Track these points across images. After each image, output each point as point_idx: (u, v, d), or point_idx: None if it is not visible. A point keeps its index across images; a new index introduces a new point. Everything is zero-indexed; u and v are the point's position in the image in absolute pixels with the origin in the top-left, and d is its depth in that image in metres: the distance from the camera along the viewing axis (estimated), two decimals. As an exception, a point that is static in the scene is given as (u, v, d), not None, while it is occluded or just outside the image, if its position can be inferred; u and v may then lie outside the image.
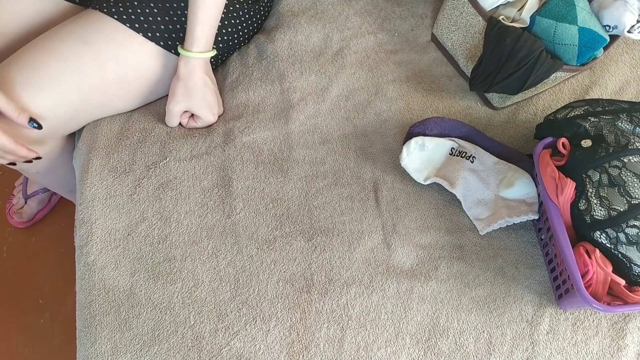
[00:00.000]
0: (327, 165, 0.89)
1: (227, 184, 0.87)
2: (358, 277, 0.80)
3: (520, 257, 0.83)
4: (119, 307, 0.77)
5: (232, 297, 0.78)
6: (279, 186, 0.87)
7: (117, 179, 0.87)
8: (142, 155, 0.88)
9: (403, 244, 0.83)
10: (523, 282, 0.81)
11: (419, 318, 0.78)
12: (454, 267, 0.81)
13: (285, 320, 0.77)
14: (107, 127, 0.91)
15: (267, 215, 0.85)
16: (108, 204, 0.85)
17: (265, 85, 0.97)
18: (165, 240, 0.82)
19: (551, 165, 0.77)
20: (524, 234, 0.85)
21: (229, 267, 0.80)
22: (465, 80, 0.98)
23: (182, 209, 0.84)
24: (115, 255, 0.81)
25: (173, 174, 0.87)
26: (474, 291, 0.80)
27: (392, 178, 0.88)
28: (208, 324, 0.76)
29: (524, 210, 0.82)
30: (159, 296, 0.78)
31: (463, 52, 0.96)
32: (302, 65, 0.98)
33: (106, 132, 0.91)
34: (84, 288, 0.79)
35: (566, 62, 0.86)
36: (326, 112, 0.94)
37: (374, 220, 0.85)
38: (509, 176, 0.84)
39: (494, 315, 0.78)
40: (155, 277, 0.79)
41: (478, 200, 0.85)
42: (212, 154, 0.89)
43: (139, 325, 0.76)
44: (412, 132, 0.90)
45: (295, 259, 0.81)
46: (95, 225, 0.83)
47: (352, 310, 0.78)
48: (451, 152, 0.88)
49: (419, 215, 0.85)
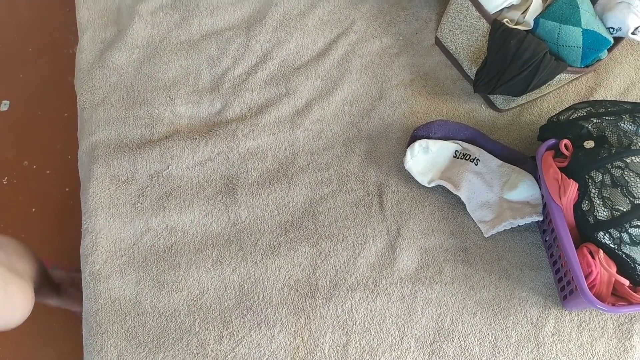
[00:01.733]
0: (332, 171, 0.93)
1: (231, 192, 0.90)
2: (362, 282, 0.83)
3: (525, 259, 0.86)
4: (124, 315, 0.80)
5: (237, 303, 0.81)
6: (283, 192, 0.90)
7: (119, 187, 0.90)
8: (143, 163, 0.92)
9: (408, 248, 0.86)
10: (528, 284, 0.84)
11: (424, 321, 0.81)
12: (459, 270, 0.85)
13: (289, 326, 0.80)
14: (103, 134, 0.94)
15: (272, 222, 0.88)
16: (112, 213, 0.88)
17: (270, 87, 1.00)
18: (171, 249, 0.85)
19: (554, 166, 0.80)
20: (529, 235, 0.88)
21: (233, 274, 0.84)
22: (469, 83, 1.02)
23: (187, 218, 0.88)
24: (120, 264, 0.84)
25: (177, 183, 0.91)
26: (478, 294, 0.83)
27: (397, 181, 0.92)
28: (213, 330, 0.80)
29: (527, 212, 0.85)
30: (164, 304, 0.81)
31: (467, 55, 0.99)
32: (307, 69, 1.02)
33: (103, 139, 0.94)
34: (90, 297, 0.82)
35: (570, 64, 0.90)
36: (331, 117, 0.98)
37: (379, 225, 0.88)
38: (513, 178, 0.87)
39: (498, 317, 0.81)
40: (161, 285, 0.83)
41: (482, 203, 0.87)
42: (215, 160, 0.93)
43: (144, 333, 0.79)
44: (416, 135, 0.93)
45: (300, 265, 0.84)
46: (100, 235, 0.86)
47: (357, 315, 0.81)
48: (455, 154, 0.91)
49: (424, 219, 0.89)
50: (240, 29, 1.06)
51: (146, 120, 0.96)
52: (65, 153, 1.42)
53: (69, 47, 1.57)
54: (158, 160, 0.92)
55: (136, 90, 1.00)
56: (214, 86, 1.01)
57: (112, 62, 1.02)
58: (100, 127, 0.95)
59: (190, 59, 1.03)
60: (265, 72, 1.02)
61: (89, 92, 0.99)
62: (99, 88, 0.99)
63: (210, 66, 1.03)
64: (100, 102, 0.98)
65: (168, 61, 1.03)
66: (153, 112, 0.97)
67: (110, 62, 1.02)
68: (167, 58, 1.03)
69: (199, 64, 1.03)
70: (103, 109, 0.97)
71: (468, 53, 0.98)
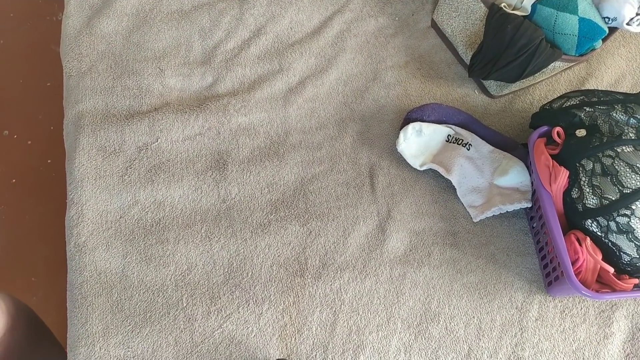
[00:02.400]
0: (324, 151, 0.93)
1: (221, 167, 0.90)
2: (352, 262, 0.85)
3: (512, 244, 0.88)
4: (110, 288, 0.81)
5: (225, 280, 0.82)
6: (274, 170, 0.91)
7: (106, 159, 0.89)
8: (131, 134, 0.91)
9: (398, 230, 0.87)
10: (514, 270, 0.86)
11: (411, 303, 0.83)
12: (447, 254, 0.87)
13: (278, 304, 0.81)
14: (90, 103, 0.93)
15: (262, 200, 0.88)
16: (98, 184, 0.88)
17: (263, 63, 0.99)
18: (159, 223, 0.86)
19: (545, 153, 0.81)
20: (516, 221, 0.90)
21: (222, 251, 0.84)
22: (464, 68, 1.02)
23: (175, 193, 0.88)
24: (106, 237, 0.84)
25: (166, 156, 0.91)
26: (465, 277, 0.85)
27: (389, 163, 0.93)
28: (201, 306, 0.80)
29: (517, 198, 0.86)
30: (151, 278, 0.82)
31: (463, 39, 0.99)
32: (302, 46, 1.01)
33: (90, 108, 0.93)
34: (75, 269, 0.82)
35: (565, 52, 0.90)
36: (324, 96, 0.98)
37: (369, 206, 0.89)
38: (504, 164, 0.89)
39: (484, 301, 0.84)
40: (148, 259, 0.83)
41: (473, 188, 0.89)
42: (205, 135, 0.93)
43: (131, 307, 0.80)
44: (409, 118, 0.93)
45: (290, 243, 0.85)
46: (85, 206, 0.86)
47: (345, 295, 0.82)
48: (448, 139, 0.92)
49: (414, 201, 0.90)
50: (234, 1, 1.05)
51: (135, 91, 0.96)
52: (47, 124, 1.40)
53: (52, 14, 1.54)
54: (147, 132, 0.92)
55: (125, 59, 0.99)
56: (205, 59, 1.00)
57: (100, 30, 1.01)
58: (87, 95, 0.95)
59: (182, 29, 1.02)
60: (258, 47, 1.01)
61: (75, 60, 0.98)
62: (86, 56, 0.98)
63: (202, 38, 1.02)
64: (87, 70, 0.97)
65: (158, 31, 1.02)
66: (142, 83, 0.96)
67: (98, 30, 1.01)
68: (157, 28, 1.02)
69: (190, 35, 1.02)
70: (90, 77, 0.96)
71: (464, 37, 0.98)
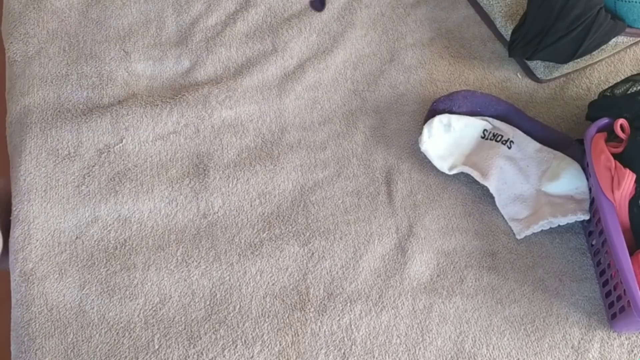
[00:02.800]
0: (329, 151, 0.89)
1: (201, 174, 0.86)
2: (365, 292, 0.80)
3: (566, 267, 0.83)
4: (65, 327, 0.76)
5: (207, 315, 0.77)
6: (267, 177, 0.87)
7: (59, 165, 0.85)
8: (90, 134, 0.87)
9: (422, 250, 0.82)
10: (568, 299, 0.81)
11: (440, 342, 0.77)
12: (484, 280, 0.81)
13: (273, 345, 0.76)
14: (39, 95, 0.89)
15: (253, 214, 0.84)
16: (49, 197, 0.83)
17: (252, 42, 0.95)
18: (124, 245, 0.81)
19: (606, 152, 0.77)
20: (571, 238, 0.84)
21: (203, 279, 0.80)
22: (503, 45, 0.97)
23: (144, 206, 0.84)
24: (59, 262, 0.80)
25: (132, 161, 0.86)
26: (507, 309, 0.79)
27: (410, 167, 0.88)
28: (177, 348, 0.75)
29: (571, 209, 0.81)
30: (115, 314, 0.77)
31: (501, 9, 0.94)
32: (300, 20, 0.97)
33: (39, 102, 0.88)
34: (21, 303, 0.77)
35: (630, 24, 0.86)
36: (329, 82, 0.94)
37: (386, 220, 0.84)
38: (554, 166, 0.84)
39: (531, 339, 0.78)
40: (111, 290, 0.78)
41: (515, 196, 0.84)
42: (181, 134, 0.88)
43: (89, 350, 0.75)
44: (435, 109, 0.88)
45: (287, 269, 0.81)
46: (33, 224, 0.81)
47: (357, 333, 0.77)
48: (483, 134, 0.87)
49: (442, 214, 0.85)
50: (217, -34, 1.00)
51: (94, 79, 0.92)
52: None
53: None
54: (109, 131, 0.88)
55: (81, 40, 0.95)
56: (181, 38, 0.96)
57: (50, 4, 0.97)
58: (36, 86, 0.90)
59: (151, 2, 0.99)
60: (246, 22, 0.97)
61: (20, 41, 0.94)
62: (33, 36, 0.94)
63: (176, 12, 0.98)
64: (35, 54, 0.93)
65: (122, 4, 0.98)
66: (103, 70, 0.92)
67: (49, 4, 0.97)
68: (121, 0, 0.98)
69: (161, 9, 0.98)
70: (39, 63, 0.92)
71: (503, 6, 0.94)
